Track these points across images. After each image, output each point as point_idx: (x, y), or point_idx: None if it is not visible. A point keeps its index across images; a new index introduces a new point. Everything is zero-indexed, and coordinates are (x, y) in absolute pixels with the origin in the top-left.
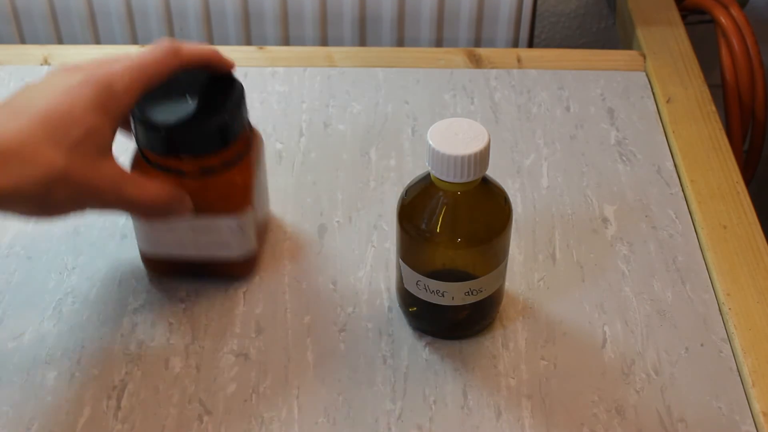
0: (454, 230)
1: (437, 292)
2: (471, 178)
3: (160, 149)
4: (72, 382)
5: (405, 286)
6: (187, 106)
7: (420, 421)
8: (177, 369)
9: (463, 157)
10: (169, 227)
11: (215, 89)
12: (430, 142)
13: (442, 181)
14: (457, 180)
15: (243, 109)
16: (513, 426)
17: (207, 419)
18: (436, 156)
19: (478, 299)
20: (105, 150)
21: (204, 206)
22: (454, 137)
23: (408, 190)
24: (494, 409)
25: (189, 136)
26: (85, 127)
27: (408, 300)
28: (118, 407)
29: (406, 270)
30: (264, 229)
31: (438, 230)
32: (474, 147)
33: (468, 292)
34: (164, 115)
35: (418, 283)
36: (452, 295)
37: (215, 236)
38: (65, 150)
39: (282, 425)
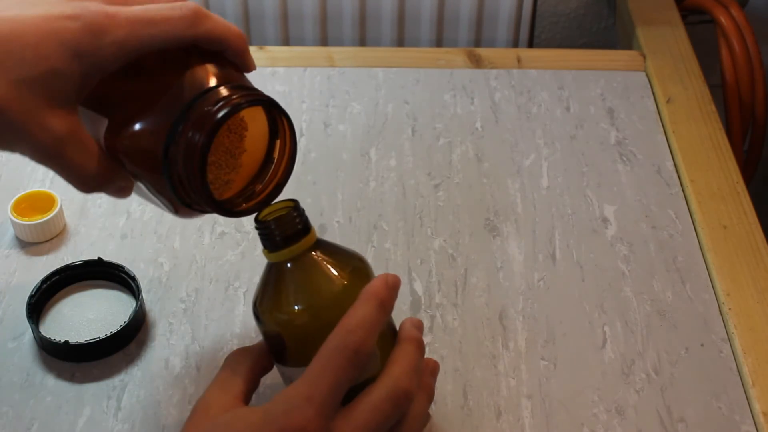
0: (278, 308)
1: (284, 374)
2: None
3: None
4: (72, 382)
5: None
6: None
7: None
8: (177, 369)
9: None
10: None
11: None
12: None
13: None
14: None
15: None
16: (513, 426)
17: None
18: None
19: None
20: (62, 100)
21: None
22: None
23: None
24: (494, 409)
25: None
26: (47, 67)
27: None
28: (118, 407)
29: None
30: None
31: (262, 306)
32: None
33: None
34: None
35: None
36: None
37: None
38: (9, 82)
39: None
